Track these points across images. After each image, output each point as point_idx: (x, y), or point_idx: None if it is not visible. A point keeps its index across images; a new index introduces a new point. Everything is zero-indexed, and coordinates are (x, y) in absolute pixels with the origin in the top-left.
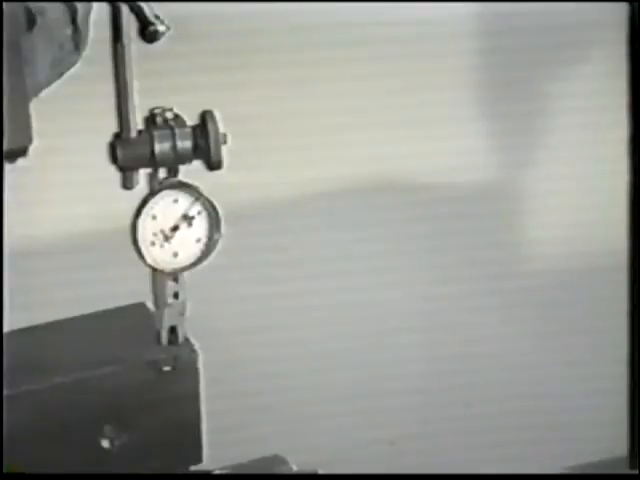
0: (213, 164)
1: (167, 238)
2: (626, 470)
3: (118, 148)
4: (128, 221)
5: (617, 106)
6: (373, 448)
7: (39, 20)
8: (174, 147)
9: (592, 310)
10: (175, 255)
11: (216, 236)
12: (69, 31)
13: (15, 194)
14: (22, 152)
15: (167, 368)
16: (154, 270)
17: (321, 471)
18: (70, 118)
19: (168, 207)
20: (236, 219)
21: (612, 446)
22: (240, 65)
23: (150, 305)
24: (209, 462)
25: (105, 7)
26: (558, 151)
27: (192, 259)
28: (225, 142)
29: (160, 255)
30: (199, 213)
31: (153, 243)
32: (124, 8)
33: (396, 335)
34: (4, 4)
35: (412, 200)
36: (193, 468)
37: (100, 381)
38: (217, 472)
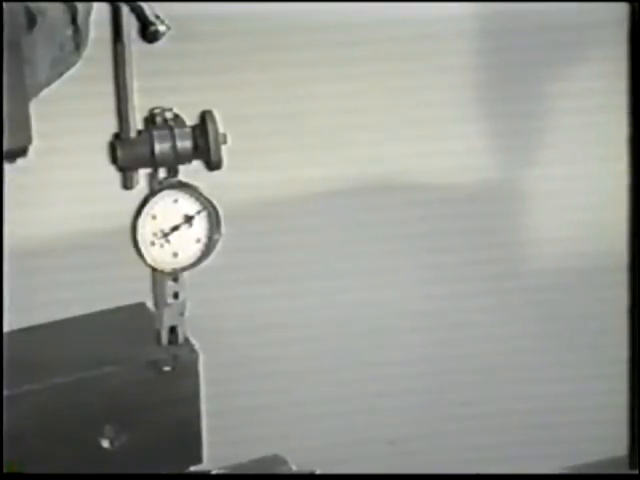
0: (213, 164)
1: (167, 238)
2: (626, 470)
3: (118, 148)
4: (128, 221)
5: (617, 106)
6: (373, 448)
7: (39, 20)
8: (174, 147)
9: (592, 310)
10: (175, 255)
11: (216, 236)
12: (69, 31)
13: (15, 194)
14: (22, 152)
15: (167, 368)
16: (154, 270)
17: (320, 471)
18: (70, 118)
19: (168, 207)
20: (236, 219)
21: (612, 446)
22: (240, 65)
23: (150, 305)
24: (209, 462)
25: (105, 7)
26: (558, 151)
27: (192, 259)
28: (225, 142)
29: (160, 255)
30: (199, 213)
31: (153, 243)
32: (124, 8)
33: (396, 335)
34: (4, 4)
35: (412, 200)
36: (193, 468)
37: (100, 381)
38: (216, 472)
